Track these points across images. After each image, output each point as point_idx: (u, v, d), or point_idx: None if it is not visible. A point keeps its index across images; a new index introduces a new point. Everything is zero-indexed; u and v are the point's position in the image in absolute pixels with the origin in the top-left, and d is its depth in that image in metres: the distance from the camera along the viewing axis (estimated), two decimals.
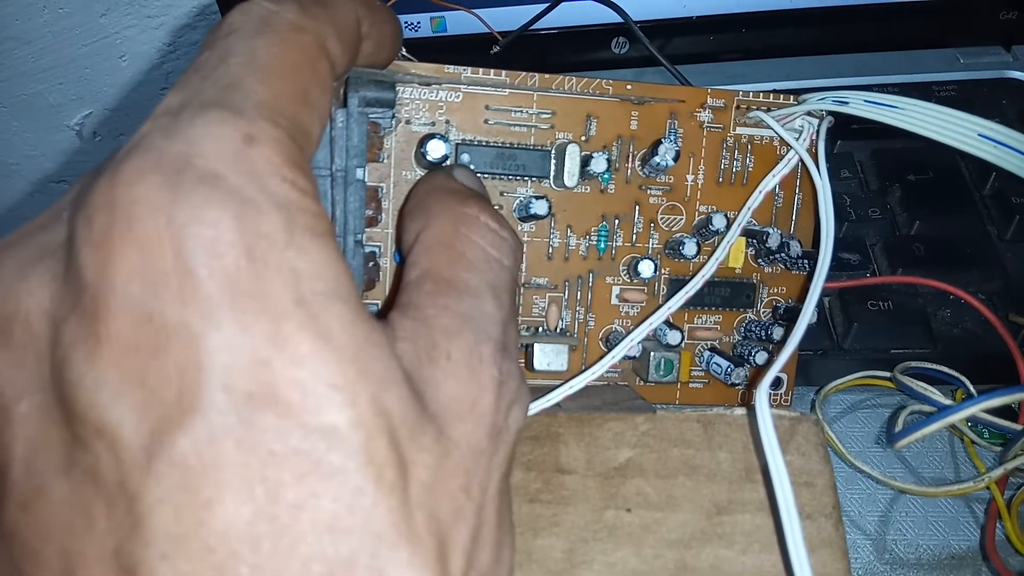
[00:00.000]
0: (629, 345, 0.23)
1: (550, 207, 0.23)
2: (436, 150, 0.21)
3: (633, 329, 0.24)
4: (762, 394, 0.18)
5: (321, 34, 0.15)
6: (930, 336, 0.28)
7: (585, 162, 0.23)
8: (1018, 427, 0.23)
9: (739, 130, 0.25)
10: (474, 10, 0.44)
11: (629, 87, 0.23)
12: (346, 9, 0.17)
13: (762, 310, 0.26)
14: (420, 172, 0.22)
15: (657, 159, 0.23)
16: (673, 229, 0.25)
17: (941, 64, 0.42)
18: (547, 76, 0.23)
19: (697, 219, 0.24)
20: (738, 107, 0.24)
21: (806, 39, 0.44)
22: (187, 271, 0.12)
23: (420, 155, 0.21)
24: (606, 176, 0.23)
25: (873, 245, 0.31)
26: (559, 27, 0.45)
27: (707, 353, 0.26)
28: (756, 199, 0.24)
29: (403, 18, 0.46)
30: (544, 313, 0.24)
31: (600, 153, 0.23)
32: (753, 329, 0.25)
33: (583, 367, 0.25)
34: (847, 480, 0.26)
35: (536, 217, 0.23)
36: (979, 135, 0.21)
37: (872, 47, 0.43)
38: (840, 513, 0.20)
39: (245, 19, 0.15)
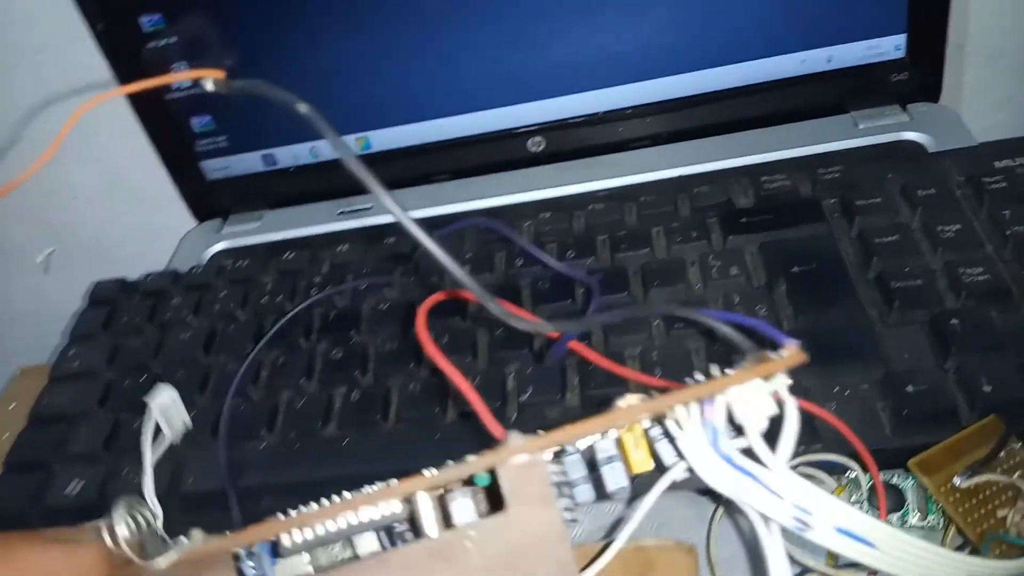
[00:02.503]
0: None
1: None
2: None
3: None
4: None
5: None
6: (815, 432, 0.29)
7: None
8: None
9: None
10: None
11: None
12: None
13: None
14: None
15: None
16: None
17: (841, 131, 0.44)
18: (351, 497, 0.19)
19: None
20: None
21: (709, 121, 0.46)
22: None
23: None
24: None
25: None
26: (472, 135, 0.47)
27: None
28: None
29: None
30: None
31: None
32: None
33: None
34: None
35: None
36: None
37: (772, 122, 0.45)
38: None
39: None
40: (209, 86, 0.25)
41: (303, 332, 0.38)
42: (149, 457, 0.30)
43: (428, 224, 0.44)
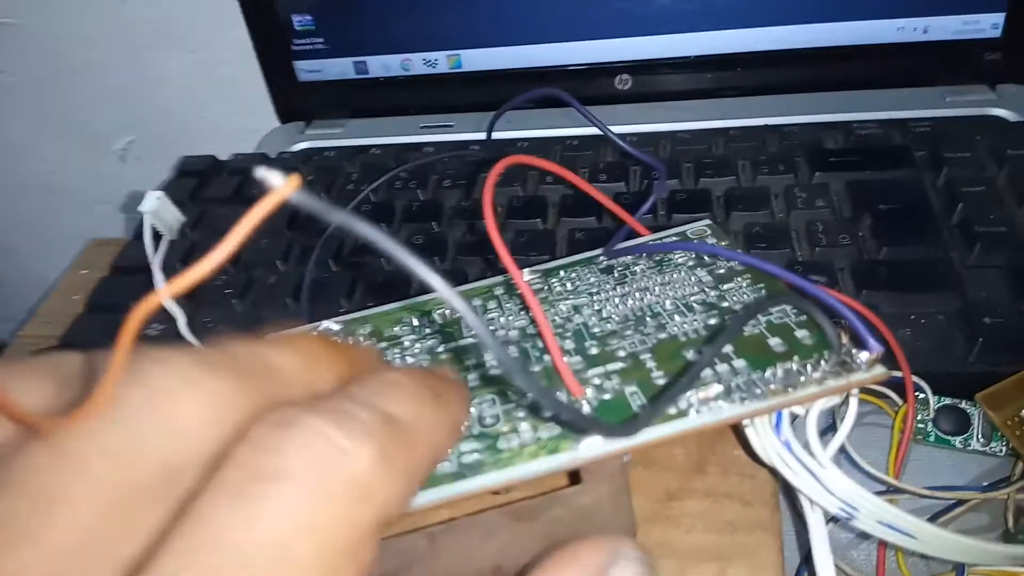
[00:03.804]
0: None
1: None
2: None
3: None
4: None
5: (389, 500, 0.12)
6: (890, 353, 0.30)
7: None
8: None
9: None
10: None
11: None
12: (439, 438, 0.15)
13: None
14: None
15: None
16: None
17: (927, 102, 0.44)
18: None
19: None
20: None
21: (798, 77, 0.46)
22: None
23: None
24: None
25: (841, 268, 0.33)
26: (560, 65, 0.48)
27: None
28: None
29: (420, 56, 0.50)
30: None
31: None
32: None
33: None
34: None
35: None
36: None
37: (860, 85, 0.46)
38: (777, 500, 0.23)
39: (300, 464, 0.11)
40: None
41: (385, 219, 0.39)
42: (153, 256, 0.36)
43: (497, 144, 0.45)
